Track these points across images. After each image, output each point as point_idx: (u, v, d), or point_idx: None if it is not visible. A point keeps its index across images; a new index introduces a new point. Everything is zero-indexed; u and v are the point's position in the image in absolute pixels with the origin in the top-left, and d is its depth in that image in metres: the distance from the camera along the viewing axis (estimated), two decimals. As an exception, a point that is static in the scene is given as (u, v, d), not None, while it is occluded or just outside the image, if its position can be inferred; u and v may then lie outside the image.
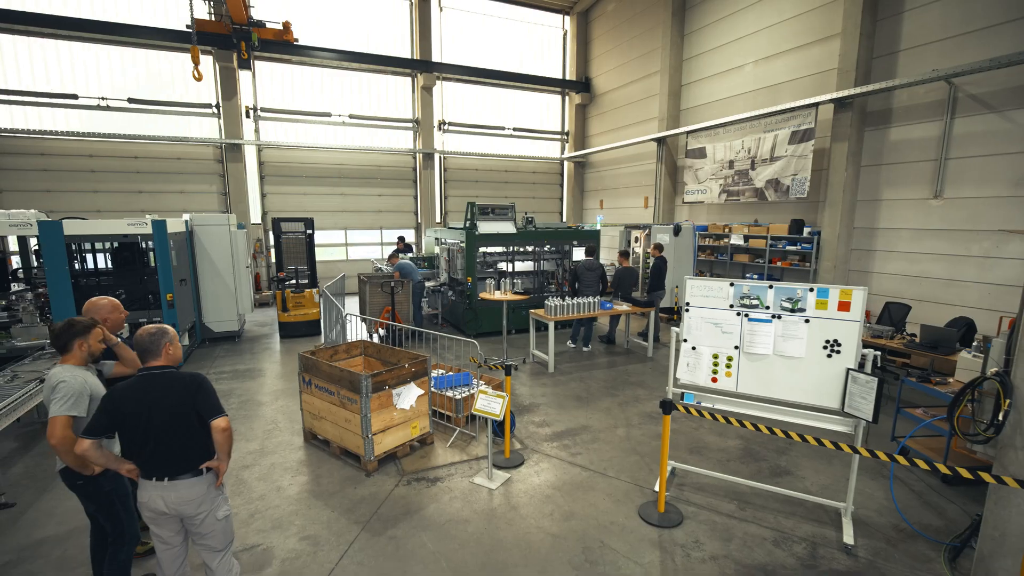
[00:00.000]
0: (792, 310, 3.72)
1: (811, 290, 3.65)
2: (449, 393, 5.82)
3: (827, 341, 3.64)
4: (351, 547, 3.68)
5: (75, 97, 12.63)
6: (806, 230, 10.24)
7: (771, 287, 3.78)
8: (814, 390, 3.71)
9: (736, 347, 3.96)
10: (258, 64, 14.25)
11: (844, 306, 3.57)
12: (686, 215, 13.65)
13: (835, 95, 9.17)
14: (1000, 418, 2.96)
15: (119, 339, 3.29)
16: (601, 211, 17.70)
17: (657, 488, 4.23)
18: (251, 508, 4.19)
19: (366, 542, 3.74)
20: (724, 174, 11.86)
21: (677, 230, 11.35)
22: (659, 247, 9.74)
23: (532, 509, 4.17)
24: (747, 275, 11.48)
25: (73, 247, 7.78)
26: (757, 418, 3.96)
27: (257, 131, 14.55)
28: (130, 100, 13.13)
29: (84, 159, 12.97)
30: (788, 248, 10.57)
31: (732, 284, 3.91)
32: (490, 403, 4.45)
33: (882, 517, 4.11)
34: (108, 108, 12.95)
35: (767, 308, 3.81)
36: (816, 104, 9.60)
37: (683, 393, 4.23)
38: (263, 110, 14.54)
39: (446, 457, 5.06)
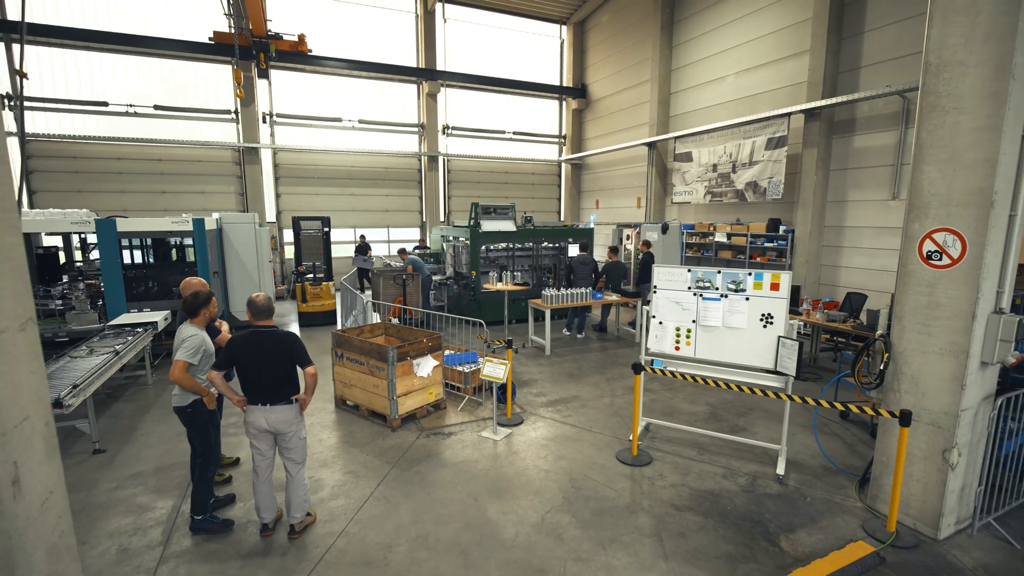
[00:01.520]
0: (736, 290, 4.68)
1: (750, 274, 4.60)
2: (459, 368, 6.77)
3: (763, 315, 4.59)
4: (385, 478, 4.64)
5: (105, 104, 13.56)
6: (782, 228, 11.20)
7: (720, 272, 4.73)
8: (754, 354, 4.67)
9: (694, 321, 4.91)
10: (274, 73, 15.18)
11: (775, 286, 4.52)
12: (675, 215, 14.61)
13: (805, 106, 10.13)
14: (882, 368, 3.92)
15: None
16: (596, 211, 18.64)
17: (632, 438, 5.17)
18: (300, 453, 5.13)
19: (397, 475, 4.69)
20: (709, 177, 12.81)
21: (665, 228, 12.31)
22: (647, 243, 10.70)
23: (530, 454, 5.13)
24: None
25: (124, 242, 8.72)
26: (710, 376, 4.90)
27: (273, 135, 15.50)
28: (156, 107, 14.07)
29: (112, 161, 13.91)
30: (766, 245, 11.52)
31: (690, 270, 4.87)
32: (495, 369, 5.41)
33: (814, 460, 5.07)
34: (136, 114, 13.89)
35: (717, 289, 4.76)
36: (788, 114, 10.56)
37: (652, 360, 5.18)
38: (278, 116, 15.49)
39: (458, 418, 6.02)
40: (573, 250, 12.02)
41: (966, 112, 3.43)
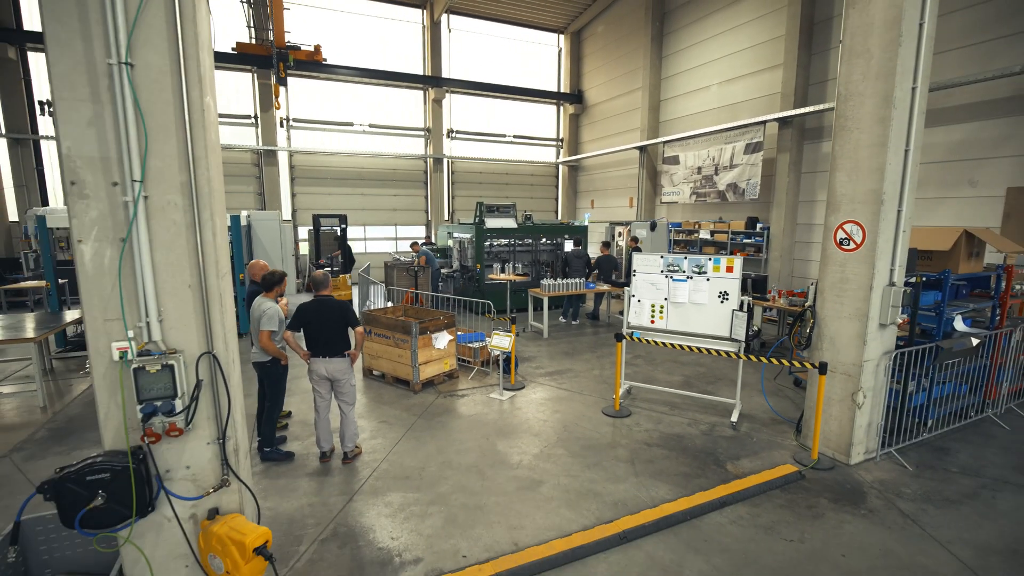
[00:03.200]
0: (699, 273, 5.74)
1: (710, 259, 5.66)
2: (469, 345, 7.82)
3: (720, 292, 5.65)
4: (413, 425, 5.69)
5: (135, 110, 14.56)
6: (759, 226, 12.28)
7: (686, 258, 5.79)
8: (713, 325, 5.72)
9: (665, 299, 5.97)
10: (291, 80, 16.20)
11: (730, 269, 5.58)
12: (664, 213, 15.68)
13: (778, 115, 11.21)
14: (809, 332, 4.98)
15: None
16: (591, 210, 19.72)
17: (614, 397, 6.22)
18: (340, 409, 6.17)
19: (423, 423, 5.75)
20: (694, 179, 13.89)
21: (653, 226, 13.38)
22: (635, 239, 11.76)
23: (531, 408, 6.19)
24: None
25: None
26: (678, 343, 5.96)
27: (289, 139, 16.54)
28: (181, 112, 15.07)
29: (141, 163, 14.90)
30: (745, 241, 12.60)
31: (662, 256, 5.92)
32: (502, 340, 6.47)
33: (764, 415, 6.13)
34: (162, 119, 14.89)
35: (684, 271, 5.82)
36: (764, 122, 11.63)
37: (632, 332, 6.24)
38: (295, 120, 16.53)
39: (469, 385, 7.07)
40: (569, 246, 13.08)
41: (864, 132, 4.49)
